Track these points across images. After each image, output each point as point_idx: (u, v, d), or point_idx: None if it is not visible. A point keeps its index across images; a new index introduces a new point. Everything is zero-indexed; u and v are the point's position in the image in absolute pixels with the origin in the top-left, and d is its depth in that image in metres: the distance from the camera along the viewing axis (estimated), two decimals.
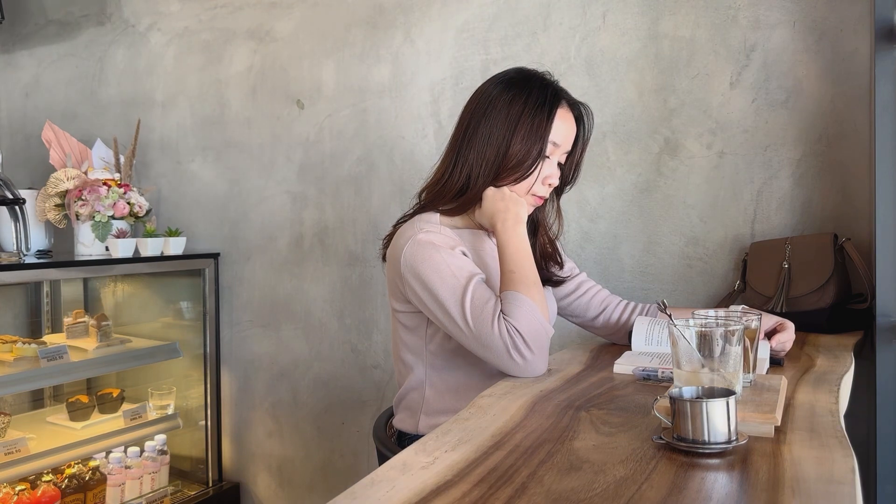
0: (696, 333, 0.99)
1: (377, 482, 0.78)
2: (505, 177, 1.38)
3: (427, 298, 1.30)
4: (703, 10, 1.95)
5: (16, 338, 2.34)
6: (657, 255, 2.02)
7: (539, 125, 1.37)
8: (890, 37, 1.55)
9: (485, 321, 1.25)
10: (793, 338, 1.41)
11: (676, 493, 0.74)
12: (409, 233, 1.35)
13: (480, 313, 1.25)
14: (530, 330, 1.24)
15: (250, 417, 2.70)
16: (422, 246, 1.31)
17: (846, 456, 0.82)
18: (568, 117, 1.42)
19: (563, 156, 1.44)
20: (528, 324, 1.24)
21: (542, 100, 1.38)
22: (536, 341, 1.24)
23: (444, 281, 1.28)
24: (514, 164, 1.37)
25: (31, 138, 3.10)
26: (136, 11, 2.91)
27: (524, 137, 1.36)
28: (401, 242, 1.35)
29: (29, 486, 2.26)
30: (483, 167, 1.38)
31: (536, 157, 1.37)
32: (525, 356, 1.23)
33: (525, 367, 1.24)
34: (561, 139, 1.41)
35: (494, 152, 1.37)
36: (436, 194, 1.44)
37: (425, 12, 2.33)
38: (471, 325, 1.26)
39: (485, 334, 1.25)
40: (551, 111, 1.38)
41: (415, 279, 1.31)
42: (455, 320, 1.27)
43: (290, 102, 2.58)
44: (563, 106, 1.41)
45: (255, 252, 2.67)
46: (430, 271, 1.29)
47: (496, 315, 1.25)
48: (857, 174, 1.81)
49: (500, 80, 1.43)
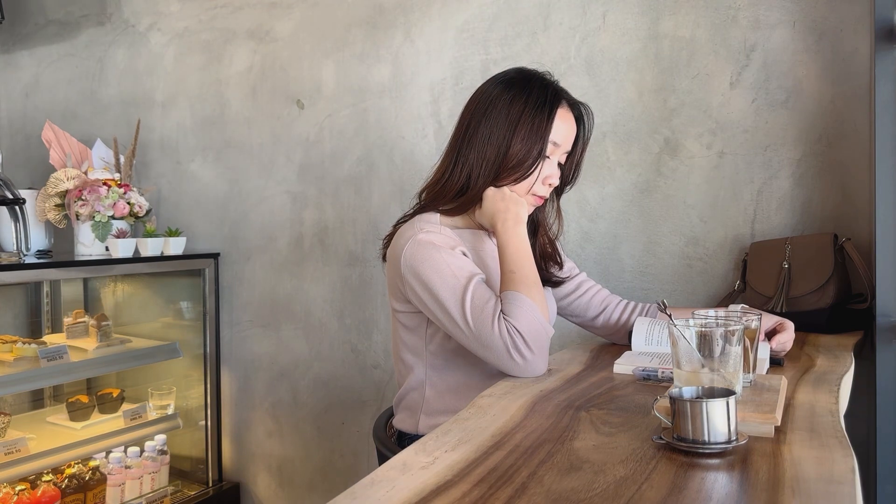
0: (696, 333, 0.99)
1: (377, 482, 0.77)
2: (505, 177, 1.39)
3: (427, 298, 1.30)
4: (703, 10, 1.95)
5: (16, 338, 2.34)
6: (657, 255, 2.02)
7: (539, 125, 1.37)
8: (890, 37, 1.55)
9: (485, 321, 1.25)
10: (792, 337, 1.41)
11: (676, 493, 0.74)
12: (409, 233, 1.36)
13: (480, 313, 1.25)
14: (530, 330, 1.24)
15: (250, 417, 2.70)
16: (422, 246, 1.32)
17: (846, 456, 0.82)
18: (568, 117, 1.42)
19: (563, 156, 1.44)
20: (528, 323, 1.24)
21: (542, 100, 1.38)
22: (536, 341, 1.24)
23: (445, 281, 1.28)
24: (514, 164, 1.37)
25: (31, 138, 3.10)
26: (136, 11, 2.91)
27: (524, 137, 1.36)
28: (401, 242, 1.35)
29: (29, 486, 2.26)
30: (483, 167, 1.39)
31: (537, 157, 1.38)
32: (525, 356, 1.23)
33: (525, 367, 1.24)
34: (561, 139, 1.41)
35: (495, 152, 1.38)
36: (436, 194, 1.44)
37: (425, 12, 2.33)
38: (471, 325, 1.26)
39: (485, 334, 1.25)
40: (552, 111, 1.38)
41: (415, 279, 1.31)
42: (455, 320, 1.27)
43: (290, 102, 2.58)
44: (563, 106, 1.41)
45: (255, 252, 2.67)
46: (431, 271, 1.29)
47: (496, 315, 1.25)
48: (857, 174, 1.81)
49: (500, 80, 1.44)
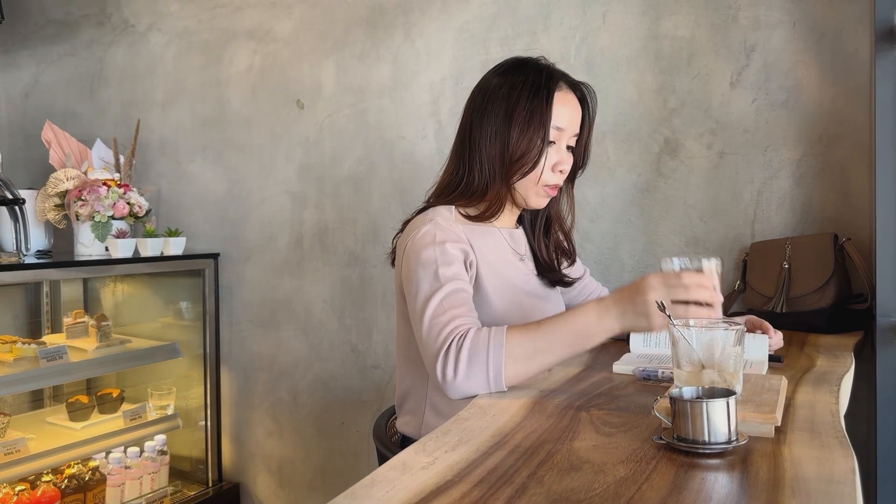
0: (696, 334, 0.99)
1: (377, 482, 0.77)
2: (514, 172, 1.36)
3: (406, 285, 1.29)
4: (703, 10, 1.95)
5: (16, 338, 2.34)
6: (657, 255, 2.02)
7: (538, 111, 1.34)
8: (890, 37, 1.55)
9: (438, 322, 1.18)
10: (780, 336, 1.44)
11: (676, 493, 0.74)
12: (419, 223, 1.35)
13: (441, 315, 1.19)
14: (472, 356, 1.12)
15: (250, 417, 2.69)
16: (425, 237, 1.31)
17: (846, 456, 0.82)
18: (569, 99, 1.39)
19: (572, 139, 1.41)
20: (475, 350, 1.12)
21: (538, 84, 1.35)
22: (471, 368, 1.12)
23: (427, 274, 1.25)
24: (518, 156, 1.34)
25: (31, 138, 3.10)
26: (136, 11, 2.91)
27: (525, 127, 1.34)
28: (409, 233, 1.35)
29: (29, 486, 2.26)
30: (491, 165, 1.36)
31: (541, 145, 1.34)
32: (446, 371, 1.12)
33: (447, 384, 1.13)
34: (565, 122, 1.37)
35: (499, 148, 1.35)
36: (447, 193, 1.42)
37: (425, 12, 2.33)
38: (425, 321, 1.19)
39: (432, 333, 1.18)
40: (549, 95, 1.35)
41: (405, 267, 1.31)
42: (416, 311, 1.22)
43: (290, 102, 2.58)
44: (561, 88, 1.38)
45: (254, 252, 2.67)
46: (419, 264, 1.27)
47: (452, 322, 1.17)
48: (857, 174, 1.81)
49: (496, 70, 1.42)
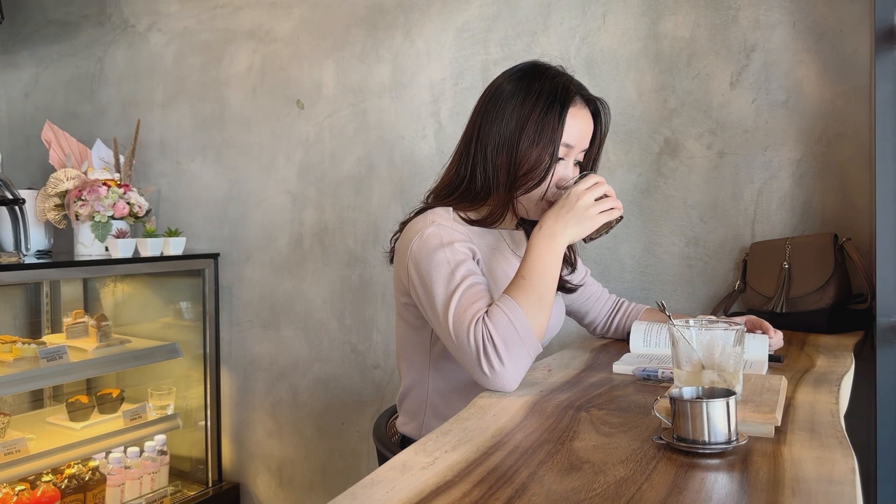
0: (695, 334, 0.99)
1: (377, 482, 0.77)
2: (519, 185, 1.33)
3: (422, 293, 1.27)
4: (703, 10, 1.95)
5: (15, 338, 2.34)
6: (657, 255, 2.02)
7: (549, 127, 1.31)
8: (890, 37, 1.55)
9: (463, 323, 1.18)
10: (780, 336, 1.45)
11: (676, 493, 0.74)
12: (420, 225, 1.32)
13: (463, 314, 1.19)
14: (506, 339, 1.15)
15: (250, 418, 2.69)
16: (429, 239, 1.28)
17: (846, 456, 0.82)
18: (582, 115, 1.36)
19: (580, 154, 1.38)
20: (505, 332, 1.15)
21: (552, 98, 1.32)
22: (511, 353, 1.15)
23: (441, 276, 1.24)
24: (525, 170, 1.32)
25: (31, 138, 3.10)
26: (135, 11, 2.91)
27: (534, 141, 1.31)
28: (410, 235, 1.32)
29: (29, 486, 2.26)
30: (497, 174, 1.34)
31: (548, 162, 1.32)
32: (494, 366, 1.14)
33: (493, 378, 1.15)
34: (575, 139, 1.35)
35: (507, 159, 1.32)
36: (447, 194, 1.40)
37: (425, 12, 2.33)
38: (451, 325, 1.20)
39: (461, 337, 1.18)
40: (562, 111, 1.32)
41: (415, 272, 1.28)
42: (439, 318, 1.22)
43: (290, 102, 2.58)
44: (576, 104, 1.35)
45: (254, 252, 2.67)
46: (430, 266, 1.25)
47: (476, 318, 1.17)
48: (857, 174, 1.81)
49: (511, 75, 1.38)
